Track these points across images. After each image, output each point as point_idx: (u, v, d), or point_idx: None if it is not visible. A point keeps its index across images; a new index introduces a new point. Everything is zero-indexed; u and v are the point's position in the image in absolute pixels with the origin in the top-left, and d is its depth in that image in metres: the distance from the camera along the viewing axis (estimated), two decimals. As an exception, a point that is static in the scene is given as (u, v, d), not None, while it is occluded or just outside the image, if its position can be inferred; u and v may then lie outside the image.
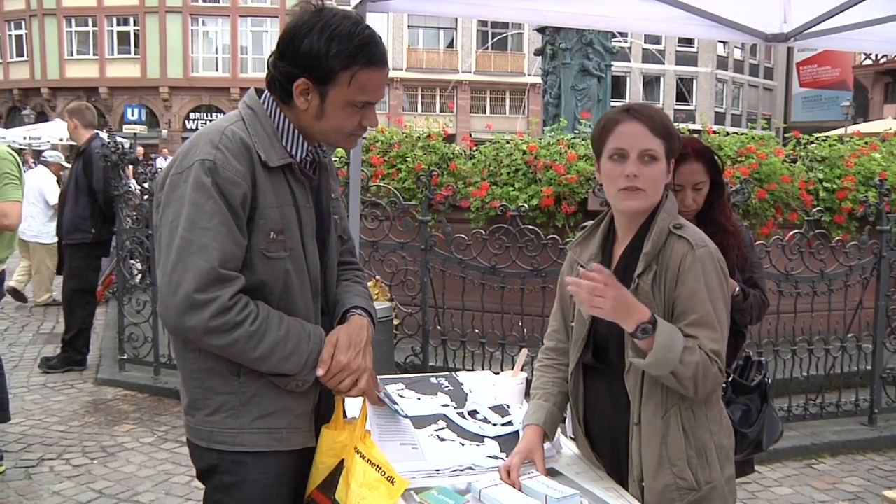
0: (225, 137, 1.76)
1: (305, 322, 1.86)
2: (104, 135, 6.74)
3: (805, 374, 5.34)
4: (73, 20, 35.53)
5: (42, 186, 8.75)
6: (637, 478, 1.96)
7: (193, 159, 1.74)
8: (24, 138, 21.79)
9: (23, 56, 36.26)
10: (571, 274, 2.14)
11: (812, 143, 7.48)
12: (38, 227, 8.67)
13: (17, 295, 9.25)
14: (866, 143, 7.71)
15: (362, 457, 1.82)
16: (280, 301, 1.84)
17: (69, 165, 8.22)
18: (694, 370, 1.83)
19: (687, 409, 1.94)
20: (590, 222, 2.16)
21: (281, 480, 1.89)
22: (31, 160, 17.20)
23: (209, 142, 1.75)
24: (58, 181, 9.17)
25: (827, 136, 7.71)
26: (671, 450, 1.93)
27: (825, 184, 6.79)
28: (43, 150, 14.01)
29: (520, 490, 1.85)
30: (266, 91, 1.89)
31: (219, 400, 1.83)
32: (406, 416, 2.10)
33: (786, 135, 9.57)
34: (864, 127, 18.78)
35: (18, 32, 36.44)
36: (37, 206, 8.56)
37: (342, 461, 1.86)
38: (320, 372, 1.83)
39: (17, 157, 4.37)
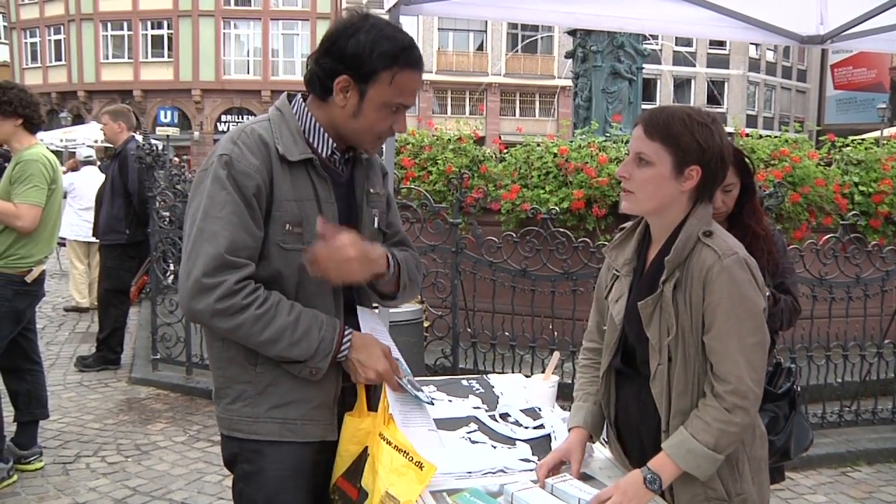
0: (244, 134, 1.87)
1: (321, 312, 1.90)
2: (139, 137, 6.84)
3: (840, 380, 5.26)
4: (108, 24, 36.12)
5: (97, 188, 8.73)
6: (667, 486, 1.95)
7: (215, 156, 1.86)
8: (61, 140, 22.14)
9: (61, 60, 36.96)
10: (608, 275, 2.14)
11: (847, 146, 7.37)
12: None
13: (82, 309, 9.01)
14: (904, 146, 7.59)
15: (388, 443, 1.83)
16: (298, 293, 1.89)
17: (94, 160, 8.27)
18: (729, 439, 1.82)
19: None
20: (628, 223, 2.14)
21: (297, 472, 1.93)
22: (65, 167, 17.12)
23: (229, 139, 1.88)
24: None
25: (862, 139, 7.59)
26: None
27: (861, 187, 6.69)
28: (75, 152, 14.06)
29: (546, 489, 1.85)
30: (297, 96, 1.97)
31: (238, 389, 1.90)
32: (430, 402, 2.09)
33: (820, 138, 9.43)
34: (901, 130, 18.45)
35: (57, 37, 37.14)
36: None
37: (366, 448, 1.87)
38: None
39: (54, 162, 4.28)
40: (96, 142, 19.95)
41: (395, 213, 2.23)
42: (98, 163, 9.81)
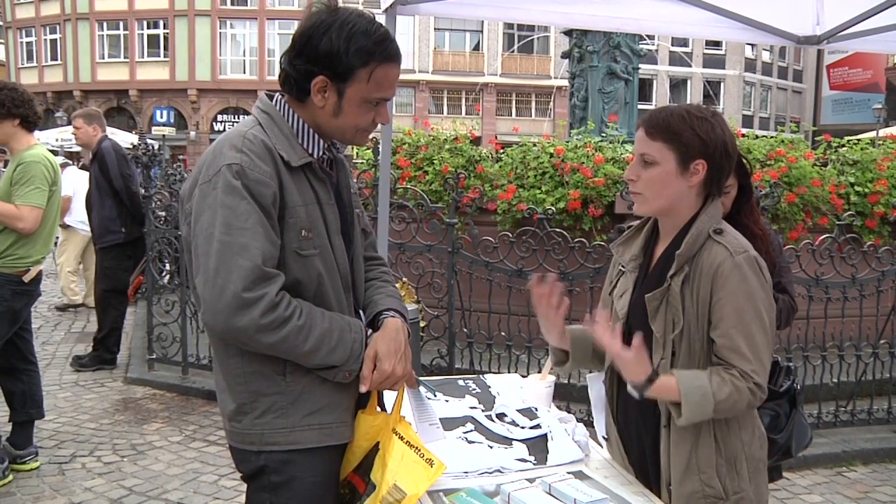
0: (247, 141, 1.79)
1: (344, 315, 1.89)
2: (134, 137, 6.80)
3: (835, 380, 5.27)
4: (104, 24, 36.06)
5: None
6: (665, 481, 1.95)
7: (220, 165, 1.76)
8: (57, 140, 22.08)
9: (56, 60, 36.90)
10: (613, 271, 2.15)
11: (843, 146, 7.38)
12: None
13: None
14: (900, 146, 7.59)
15: (401, 438, 1.84)
16: (315, 299, 1.85)
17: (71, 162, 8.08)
18: (730, 405, 1.84)
19: (720, 418, 1.93)
20: (635, 222, 2.15)
21: (328, 476, 1.91)
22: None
23: (233, 147, 1.78)
24: None
25: (858, 140, 7.61)
26: (701, 457, 1.92)
27: (857, 188, 6.70)
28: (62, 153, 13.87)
29: (543, 488, 1.85)
30: (277, 94, 1.91)
31: (267, 401, 1.84)
32: (432, 392, 2.10)
33: (816, 138, 9.45)
34: (897, 130, 18.47)
35: (53, 37, 37.07)
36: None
37: (377, 444, 1.88)
38: (363, 389, 1.86)
39: (54, 163, 4.27)
40: (80, 147, 19.91)
41: (363, 210, 2.20)
42: (75, 163, 9.69)
